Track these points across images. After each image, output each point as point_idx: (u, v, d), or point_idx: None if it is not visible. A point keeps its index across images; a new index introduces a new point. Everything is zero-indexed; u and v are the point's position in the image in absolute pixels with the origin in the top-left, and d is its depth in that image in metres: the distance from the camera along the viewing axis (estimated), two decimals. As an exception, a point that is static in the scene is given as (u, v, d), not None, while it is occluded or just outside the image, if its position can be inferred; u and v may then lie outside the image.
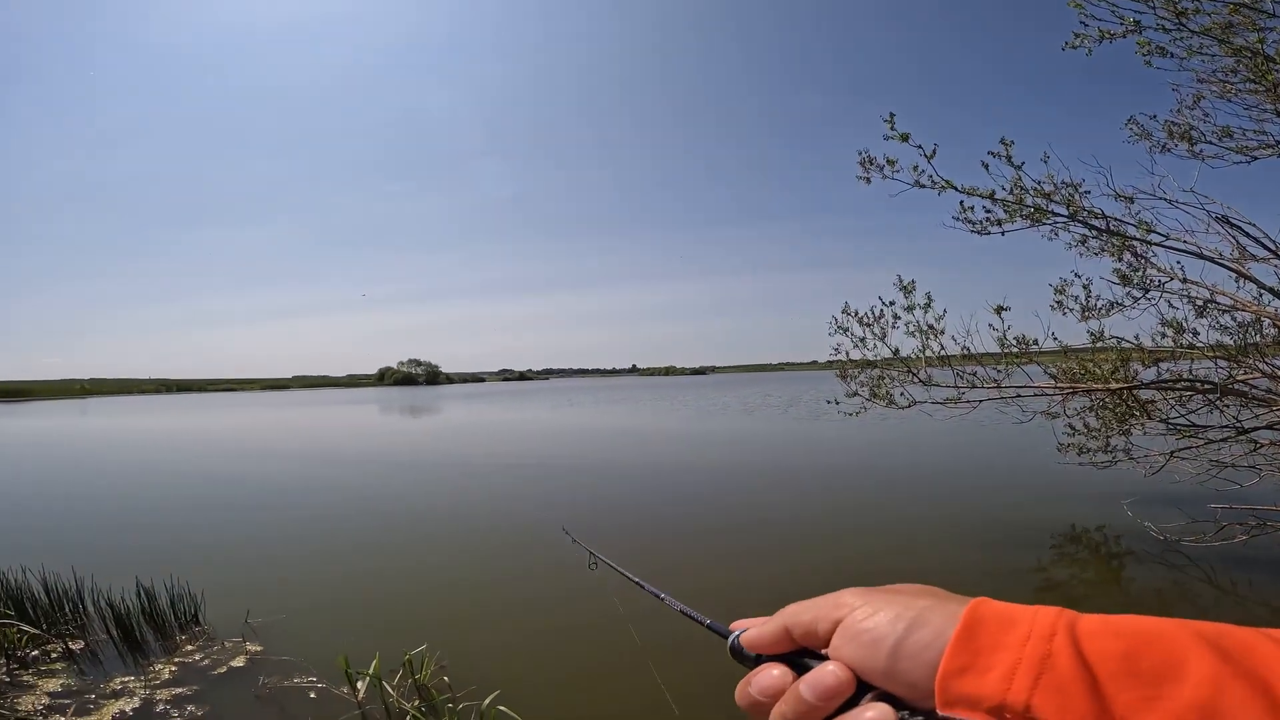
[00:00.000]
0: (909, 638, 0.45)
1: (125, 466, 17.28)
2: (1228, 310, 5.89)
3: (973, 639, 0.43)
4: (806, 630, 0.53)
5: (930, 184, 5.74)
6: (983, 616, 0.44)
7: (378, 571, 6.96)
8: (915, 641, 0.45)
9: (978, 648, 0.42)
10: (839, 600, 0.52)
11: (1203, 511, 6.66)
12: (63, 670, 4.66)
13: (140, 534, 9.02)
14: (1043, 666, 0.39)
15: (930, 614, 0.46)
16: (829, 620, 0.51)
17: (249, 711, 4.09)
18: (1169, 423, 6.51)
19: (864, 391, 7.20)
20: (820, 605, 0.53)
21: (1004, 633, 0.42)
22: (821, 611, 0.52)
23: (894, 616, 0.47)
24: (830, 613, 0.52)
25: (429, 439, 23.88)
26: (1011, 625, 0.43)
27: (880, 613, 0.48)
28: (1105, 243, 6.06)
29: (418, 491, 12.08)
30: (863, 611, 0.49)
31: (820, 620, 0.52)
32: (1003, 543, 7.31)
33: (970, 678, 0.41)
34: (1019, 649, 0.41)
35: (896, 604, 0.49)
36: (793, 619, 0.54)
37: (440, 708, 4.05)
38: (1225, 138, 5.60)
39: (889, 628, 0.47)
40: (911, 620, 0.46)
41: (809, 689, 0.48)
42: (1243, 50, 4.86)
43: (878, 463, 13.57)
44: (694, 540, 7.88)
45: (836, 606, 0.52)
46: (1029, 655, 0.40)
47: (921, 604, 0.48)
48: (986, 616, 0.44)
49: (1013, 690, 0.39)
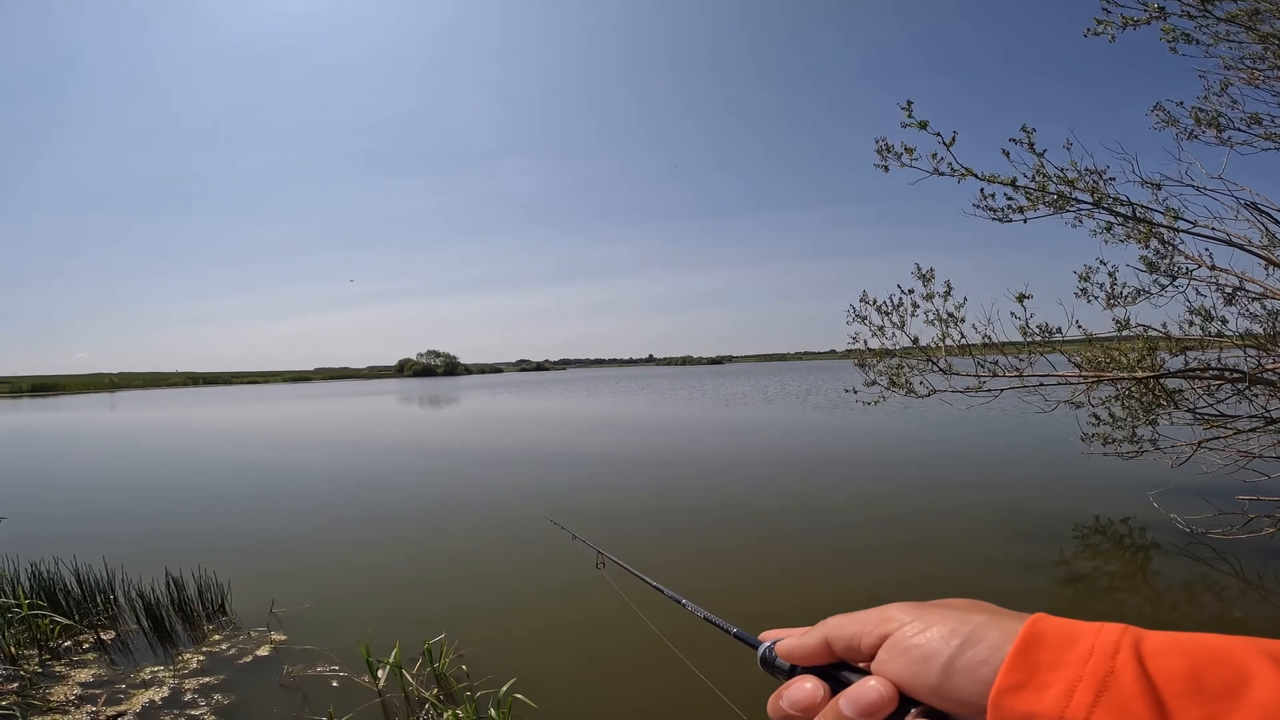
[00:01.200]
0: (963, 654, 0.44)
1: (153, 458, 17.62)
2: (1257, 298, 5.76)
3: (1031, 655, 0.42)
4: (849, 644, 0.51)
5: (950, 171, 5.67)
6: (1043, 632, 0.43)
7: (400, 561, 7.05)
8: (970, 658, 0.44)
9: (1036, 664, 0.41)
10: (886, 615, 0.51)
11: (1230, 503, 6.56)
12: (94, 661, 4.77)
13: (168, 524, 9.20)
14: (1105, 684, 0.38)
15: (986, 630, 0.45)
16: (875, 635, 0.50)
17: (273, 700, 4.17)
18: (1196, 412, 6.40)
19: (882, 380, 7.15)
20: (865, 619, 0.52)
21: (1065, 649, 0.41)
22: (867, 626, 0.51)
23: (948, 632, 0.46)
24: (876, 627, 0.50)
25: (449, 429, 24.08)
26: (1073, 642, 0.41)
27: (933, 628, 0.47)
28: (1131, 230, 5.95)
29: (439, 481, 12.20)
30: (913, 627, 0.48)
31: (865, 635, 0.50)
32: (1024, 534, 7.23)
33: (1026, 694, 0.40)
34: (1080, 666, 0.40)
35: (950, 619, 0.47)
36: (835, 631, 0.53)
37: (459, 696, 4.10)
38: (1254, 125, 5.46)
39: (942, 644, 0.45)
40: (967, 636, 0.45)
41: (850, 704, 0.47)
42: (1270, 37, 4.74)
43: (896, 452, 13.46)
44: (709, 531, 7.88)
45: (884, 621, 0.50)
46: (1091, 672, 0.39)
47: (976, 619, 0.46)
48: (1046, 633, 0.43)
49: (1072, 707, 0.38)
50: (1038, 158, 5.57)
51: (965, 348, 6.47)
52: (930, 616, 0.48)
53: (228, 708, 4.07)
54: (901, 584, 5.87)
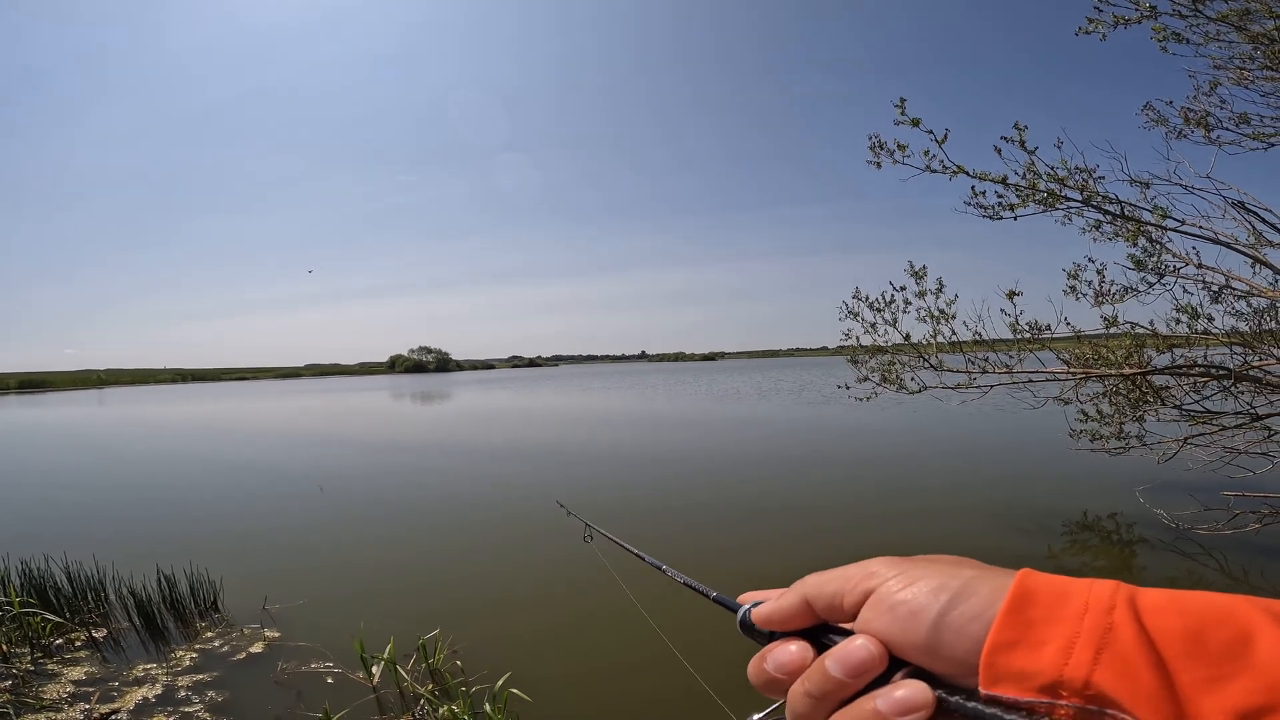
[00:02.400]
0: (953, 610, 0.42)
1: (142, 455, 17.50)
2: (1243, 296, 5.82)
3: (1024, 611, 0.40)
4: (830, 603, 0.49)
5: (941, 169, 5.69)
6: (1033, 588, 0.41)
7: (393, 558, 7.05)
8: (960, 614, 0.42)
9: (1030, 620, 0.39)
10: (868, 570, 0.48)
11: (1216, 499, 6.63)
12: (86, 658, 4.76)
13: (159, 522, 9.16)
14: (1104, 640, 0.37)
15: (976, 584, 0.43)
16: (858, 592, 0.47)
17: (267, 697, 4.17)
18: (1183, 409, 6.47)
19: (874, 376, 7.20)
20: (847, 576, 0.49)
21: (1058, 605, 0.40)
22: (849, 583, 0.48)
23: (935, 587, 0.44)
24: (859, 584, 0.48)
25: (441, 425, 24.02)
26: (1066, 598, 0.40)
27: (919, 583, 0.45)
28: (1120, 228, 6.00)
29: (431, 478, 12.17)
30: (898, 581, 0.46)
31: (847, 592, 0.48)
32: (1013, 528, 7.30)
33: (1021, 652, 0.38)
34: (1076, 622, 0.38)
35: (937, 574, 0.45)
36: (814, 590, 0.50)
37: (454, 691, 4.12)
38: (1242, 124, 5.51)
39: (930, 599, 0.43)
40: (956, 591, 0.43)
41: (836, 664, 0.45)
42: (1260, 37, 4.78)
43: (886, 447, 13.54)
44: (700, 523, 7.90)
45: (867, 576, 0.48)
46: (1089, 628, 0.38)
47: (965, 574, 0.44)
48: (1038, 588, 0.41)
49: (1071, 665, 0.37)
50: (1029, 155, 5.61)
51: (956, 344, 6.52)
52: (915, 571, 0.46)
53: (222, 704, 4.07)
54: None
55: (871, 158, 5.94)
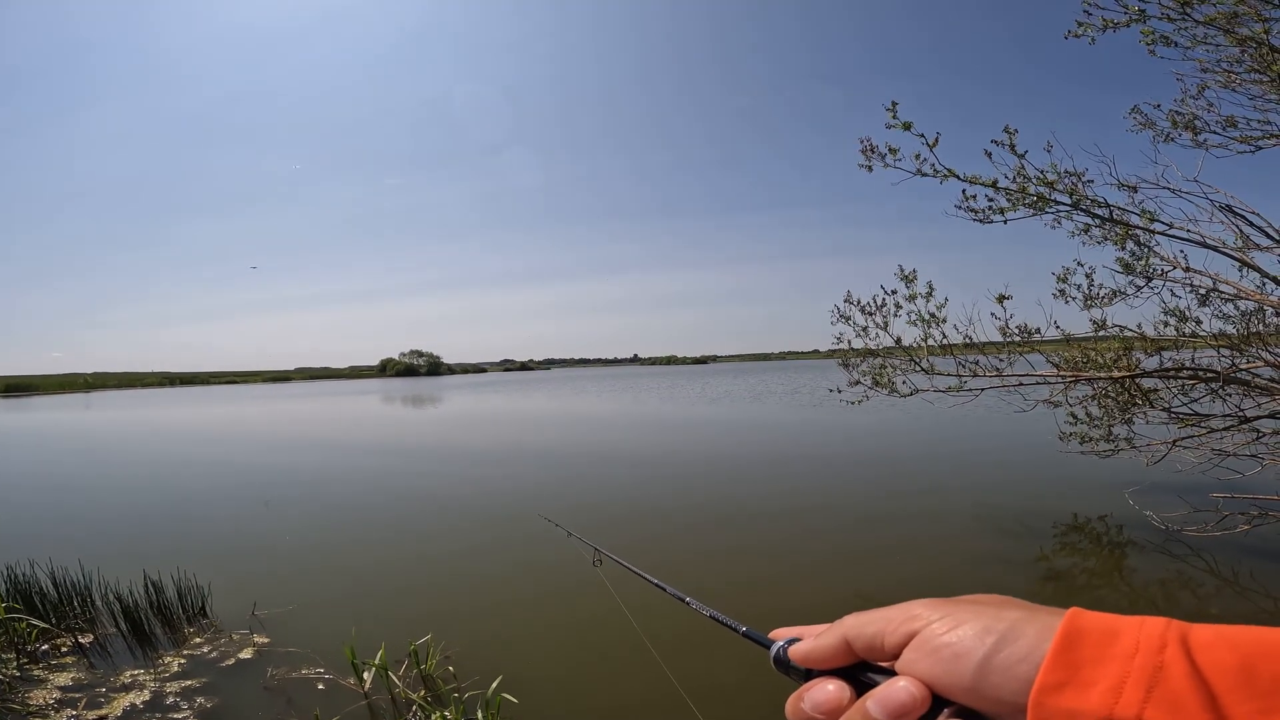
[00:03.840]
0: (1000, 652, 0.42)
1: (128, 459, 17.34)
2: (1231, 299, 5.89)
3: (1073, 651, 0.40)
4: (870, 643, 0.49)
5: (932, 172, 5.73)
6: (1083, 628, 0.41)
7: (384, 563, 7.00)
8: (1007, 656, 0.42)
9: (1079, 660, 0.39)
10: (911, 612, 0.48)
11: (1205, 501, 6.68)
12: (73, 664, 4.70)
13: (145, 527, 9.07)
14: (1154, 680, 0.37)
15: (1023, 626, 0.43)
16: (900, 634, 0.48)
17: (258, 703, 4.13)
18: (1171, 411, 6.52)
19: (866, 380, 7.22)
20: (889, 617, 0.49)
21: (1108, 645, 0.40)
22: (890, 624, 0.49)
23: (981, 629, 0.44)
24: (901, 625, 0.48)
25: (432, 428, 23.93)
26: (1115, 637, 0.40)
27: (964, 625, 0.45)
28: (1108, 231, 6.05)
29: (422, 482, 12.10)
30: (943, 624, 0.46)
31: (888, 633, 0.48)
32: (1004, 531, 7.33)
33: (1070, 692, 0.38)
34: (1127, 661, 0.38)
35: (983, 616, 0.45)
36: (855, 630, 0.50)
37: (446, 697, 4.09)
38: (1230, 127, 5.57)
39: (975, 641, 0.43)
40: (1002, 634, 0.43)
41: (880, 706, 0.45)
42: (1247, 40, 4.83)
43: (878, 450, 13.57)
44: (704, 529, 7.90)
45: (909, 619, 0.48)
46: (1139, 668, 0.38)
47: (1010, 615, 0.44)
48: (1087, 628, 0.41)
49: (1121, 705, 0.37)
50: (1019, 159, 5.65)
51: (947, 348, 6.55)
52: (960, 614, 0.46)
53: (211, 711, 4.03)
54: (883, 582, 5.93)
55: (863, 161, 5.97)
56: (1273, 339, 5.72)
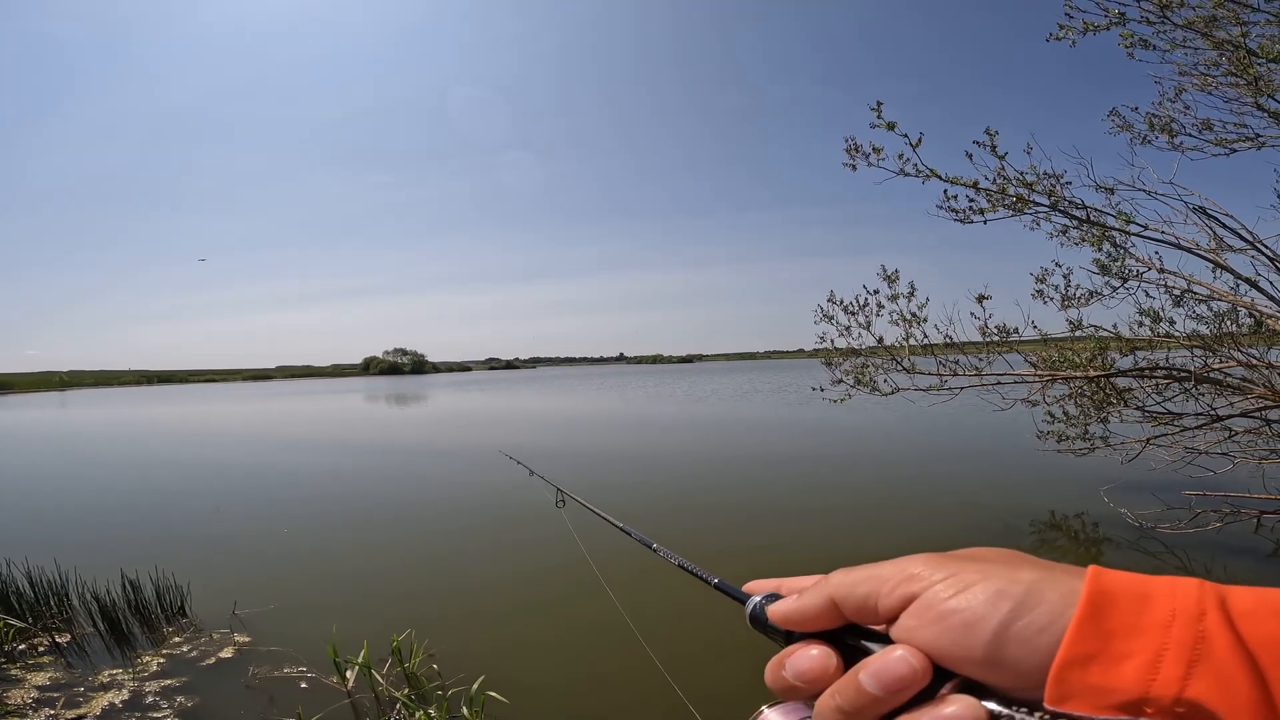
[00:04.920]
0: (1017, 620, 0.37)
1: (105, 458, 17.11)
2: (1204, 300, 5.98)
3: (1102, 619, 0.36)
4: (860, 605, 0.44)
5: (915, 172, 5.77)
6: (1111, 591, 0.37)
7: (365, 561, 6.96)
8: (1027, 625, 0.37)
9: (1109, 630, 0.35)
10: (907, 570, 0.43)
11: (1178, 499, 6.79)
12: (50, 664, 4.65)
13: (123, 526, 8.95)
14: (1196, 653, 0.33)
15: (1041, 589, 0.38)
16: (895, 596, 0.42)
17: (239, 702, 4.10)
18: (1145, 410, 6.62)
19: (848, 379, 7.27)
20: (882, 576, 0.44)
21: (1140, 612, 0.36)
22: (884, 585, 0.43)
23: (994, 594, 0.39)
24: (898, 586, 0.43)
25: (415, 427, 23.78)
26: (1147, 602, 0.36)
27: (974, 589, 0.40)
28: (1085, 233, 6.13)
29: (403, 479, 12.05)
30: (947, 586, 0.41)
31: (882, 595, 0.43)
32: (982, 528, 7.42)
33: (1099, 667, 0.34)
34: (1163, 631, 0.35)
35: (993, 577, 0.40)
36: (843, 590, 0.45)
37: (430, 695, 4.08)
38: (1205, 130, 5.66)
39: (988, 608, 0.38)
40: (1020, 599, 0.38)
41: (874, 680, 0.40)
42: (1225, 44, 4.91)
43: (858, 447, 13.67)
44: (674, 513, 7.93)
45: (907, 579, 0.43)
46: (1178, 639, 0.34)
47: (1025, 577, 0.39)
48: (1116, 591, 0.37)
49: (1160, 681, 0.33)
50: (999, 160, 5.70)
51: (928, 347, 6.61)
52: (967, 574, 0.41)
53: (191, 710, 4.00)
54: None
55: (848, 160, 6.01)
56: (1245, 339, 5.82)
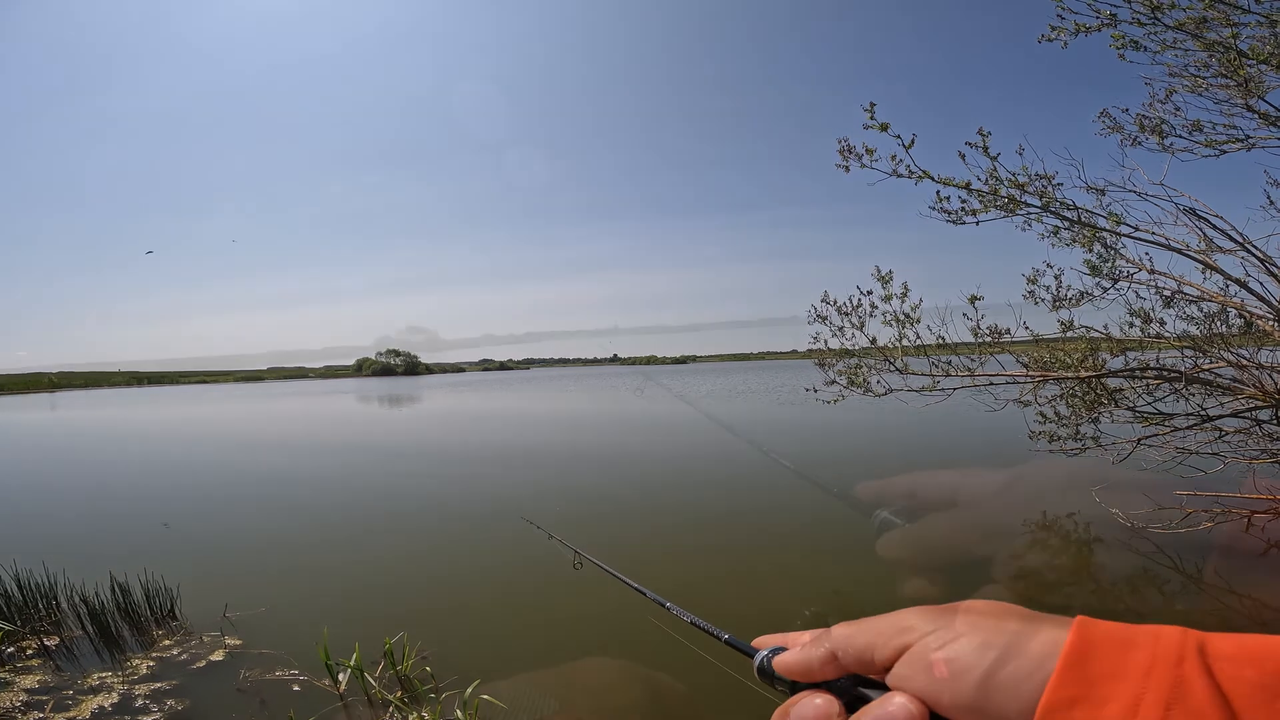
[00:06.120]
0: (1003, 668, 0.40)
1: (95, 460, 16.99)
2: (1194, 301, 6.02)
3: (1084, 666, 0.38)
4: (859, 656, 0.47)
5: (908, 174, 5.79)
6: (1093, 639, 0.39)
7: (358, 563, 6.93)
8: (1012, 672, 0.39)
9: (1091, 676, 0.37)
10: (902, 624, 0.46)
11: (1169, 498, 6.82)
12: (39, 667, 4.61)
13: (112, 528, 8.90)
14: (1173, 696, 0.35)
15: (1026, 641, 0.40)
16: (891, 647, 0.45)
17: (230, 705, 4.07)
18: (1136, 411, 6.65)
19: (841, 380, 7.28)
20: (879, 629, 0.47)
21: (1122, 658, 0.37)
22: (880, 637, 0.46)
23: (980, 644, 0.41)
24: (893, 638, 0.45)
25: (407, 428, 23.71)
26: (1129, 649, 0.38)
27: (962, 639, 0.42)
28: (1076, 234, 6.16)
29: (396, 482, 12.00)
30: (938, 637, 0.43)
31: (878, 646, 0.46)
32: (978, 528, 7.44)
33: (1082, 711, 0.36)
34: (1143, 678, 0.36)
35: (980, 628, 0.43)
36: (842, 642, 0.48)
37: (423, 698, 4.07)
38: (1195, 132, 5.69)
39: (976, 656, 0.41)
40: (1004, 648, 0.40)
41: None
42: (1216, 45, 4.94)
43: (850, 447, 13.71)
44: (681, 531, 7.93)
45: (901, 630, 0.46)
46: (1156, 684, 0.35)
47: (1010, 627, 0.42)
48: (1097, 640, 0.39)
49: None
50: (992, 161, 5.73)
51: (921, 348, 6.63)
52: (957, 625, 0.44)
53: (182, 713, 3.97)
54: (858, 579, 6.00)
55: (840, 161, 6.03)
56: (1235, 340, 5.86)
